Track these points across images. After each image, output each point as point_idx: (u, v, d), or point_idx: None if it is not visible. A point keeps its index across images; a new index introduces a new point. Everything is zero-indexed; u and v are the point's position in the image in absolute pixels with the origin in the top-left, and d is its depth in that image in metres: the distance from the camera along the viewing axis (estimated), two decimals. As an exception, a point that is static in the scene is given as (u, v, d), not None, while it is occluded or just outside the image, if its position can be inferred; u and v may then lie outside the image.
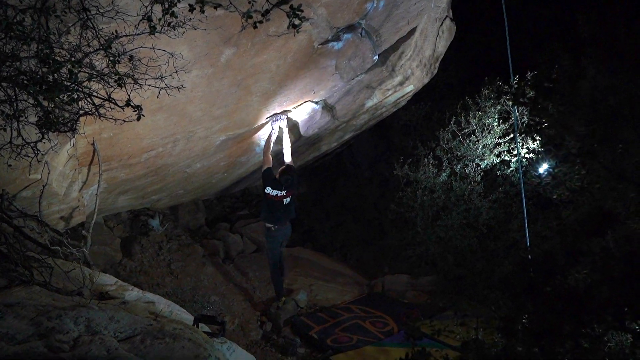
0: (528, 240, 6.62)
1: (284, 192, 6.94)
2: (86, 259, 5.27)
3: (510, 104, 8.02)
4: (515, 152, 8.29)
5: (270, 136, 7.06)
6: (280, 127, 7.06)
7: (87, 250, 5.36)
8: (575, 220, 6.18)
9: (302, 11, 2.58)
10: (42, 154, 3.66)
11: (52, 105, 3.00)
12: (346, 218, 12.05)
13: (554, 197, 7.67)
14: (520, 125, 7.99)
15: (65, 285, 4.07)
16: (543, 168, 8.21)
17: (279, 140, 7.31)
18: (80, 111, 3.22)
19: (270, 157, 7.08)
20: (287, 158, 7.10)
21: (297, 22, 2.59)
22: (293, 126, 7.53)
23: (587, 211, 5.79)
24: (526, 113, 7.95)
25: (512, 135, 8.26)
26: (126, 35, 3.46)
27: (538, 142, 7.89)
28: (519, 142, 7.91)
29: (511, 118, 8.24)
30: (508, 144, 8.47)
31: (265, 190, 6.83)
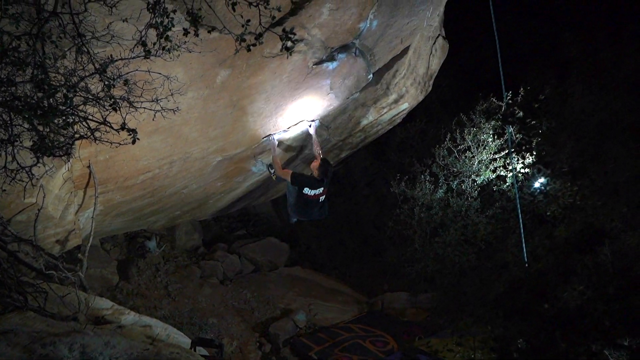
0: (525, 256, 6.61)
1: (321, 190, 6.57)
2: (82, 282, 5.22)
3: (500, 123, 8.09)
4: (510, 167, 8.33)
5: (273, 155, 6.85)
6: (274, 145, 6.92)
7: (82, 274, 5.31)
8: (567, 238, 6.20)
9: (294, 34, 2.60)
10: (37, 178, 3.64)
11: (47, 130, 3.00)
12: (344, 236, 12.03)
13: (548, 213, 7.67)
14: (514, 141, 8.04)
15: (60, 311, 4.02)
16: (535, 185, 8.23)
17: (294, 145, 7.18)
18: (76, 135, 3.22)
19: (284, 169, 6.75)
20: (318, 151, 6.81)
21: (290, 44, 2.61)
22: (289, 146, 7.54)
23: (579, 229, 5.82)
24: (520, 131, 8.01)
25: (507, 150, 8.29)
26: (121, 59, 3.47)
27: (532, 157, 7.92)
28: (514, 158, 7.94)
29: (506, 133, 8.29)
30: (503, 159, 8.51)
31: (304, 192, 6.47)
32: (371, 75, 6.84)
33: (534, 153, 7.08)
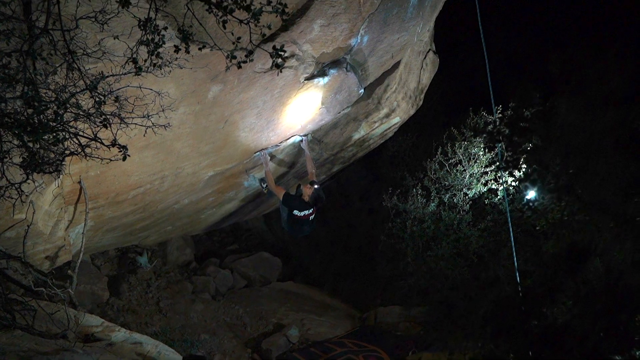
0: (517, 270, 6.61)
1: (310, 211, 6.71)
2: (72, 299, 5.16)
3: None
4: (502, 180, 8.37)
5: (266, 170, 6.93)
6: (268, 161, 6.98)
7: (72, 291, 5.25)
8: (555, 254, 6.24)
9: (284, 51, 2.62)
10: (27, 195, 3.62)
11: (37, 146, 2.99)
12: (337, 250, 11.99)
13: (537, 228, 7.70)
14: (504, 155, 8.10)
15: (49, 328, 3.97)
16: (525, 200, 8.27)
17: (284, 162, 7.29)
18: (66, 151, 3.21)
19: (277, 185, 6.90)
20: (311, 169, 6.99)
21: (280, 62, 2.63)
22: (281, 160, 7.56)
23: (566, 246, 5.87)
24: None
25: (497, 163, 8.35)
26: (113, 75, 3.48)
27: (520, 174, 7.98)
28: (505, 174, 7.99)
29: (496, 147, 8.35)
30: (494, 173, 8.56)
31: (293, 213, 6.57)
32: (362, 90, 6.89)
33: (522, 169, 7.15)
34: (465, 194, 8.81)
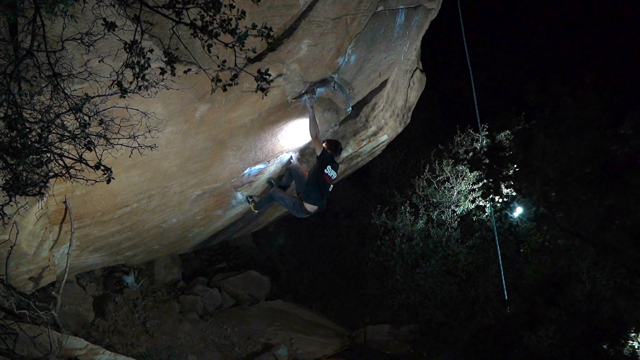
0: (506, 294, 6.64)
1: (336, 174, 6.58)
2: (55, 321, 5.07)
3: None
4: (502, 183, 8.41)
5: (310, 116, 6.19)
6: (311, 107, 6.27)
7: (56, 312, 5.16)
8: (536, 279, 6.28)
9: (269, 75, 2.63)
10: (9, 217, 3.57)
11: (21, 168, 2.95)
12: (326, 268, 11.95)
13: (521, 250, 7.75)
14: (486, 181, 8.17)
15: (30, 352, 3.89)
16: (506, 225, 8.31)
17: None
18: (50, 173, 3.17)
19: (320, 139, 6.39)
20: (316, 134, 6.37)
21: (265, 85, 2.64)
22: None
23: (548, 271, 5.92)
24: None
25: (484, 181, 8.42)
26: (99, 96, 3.47)
27: (501, 200, 8.04)
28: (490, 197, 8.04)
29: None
30: (482, 190, 8.62)
31: (325, 171, 6.36)
32: (350, 109, 6.93)
33: (503, 194, 7.23)
34: (454, 211, 8.85)
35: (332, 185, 6.60)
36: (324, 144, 6.40)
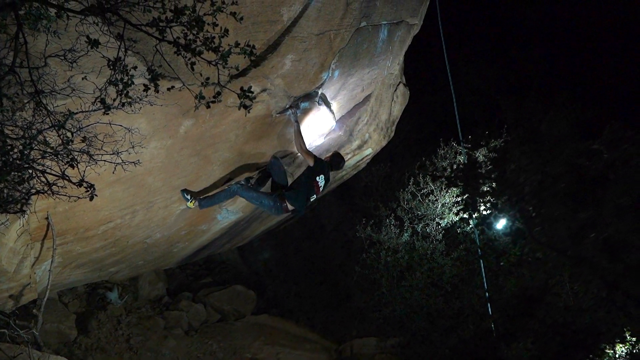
0: (489, 307, 6.70)
1: (324, 184, 6.47)
2: (36, 340, 4.98)
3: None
4: (479, 199, 8.49)
5: (295, 130, 6.10)
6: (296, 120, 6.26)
7: (37, 331, 5.07)
8: (514, 293, 6.37)
9: (252, 92, 2.66)
10: (-10, 235, 3.52)
11: (2, 185, 2.93)
12: (312, 281, 11.93)
13: (501, 264, 7.81)
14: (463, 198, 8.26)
15: (10, 373, 3.82)
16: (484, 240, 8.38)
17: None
18: (32, 190, 3.15)
19: (308, 151, 6.24)
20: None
21: (248, 103, 2.67)
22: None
23: (526, 285, 6.02)
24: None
25: (462, 198, 8.50)
26: (82, 112, 3.46)
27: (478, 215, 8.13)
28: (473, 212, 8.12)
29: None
30: (461, 206, 8.70)
31: (317, 179, 6.26)
32: (335, 123, 6.98)
33: (481, 210, 7.33)
34: (438, 224, 8.92)
35: (316, 196, 6.57)
36: (328, 156, 6.41)
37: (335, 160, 6.47)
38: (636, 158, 5.52)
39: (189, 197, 6.14)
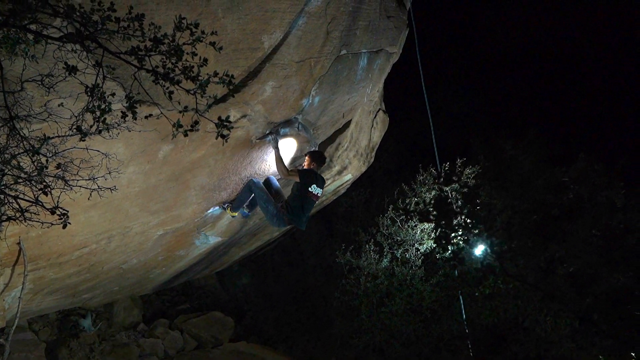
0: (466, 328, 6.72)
1: (321, 191, 6.36)
2: (3, 371, 4.80)
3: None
4: (452, 234, 8.56)
5: (276, 156, 6.11)
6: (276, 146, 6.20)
7: (4, 362, 4.89)
8: (486, 326, 6.41)
9: (230, 122, 2.66)
10: (-42, 262, 3.41)
11: (-28, 211, 2.86)
12: (291, 307, 11.80)
13: (476, 294, 7.86)
14: (456, 206, 8.34)
15: (-25, 406, 3.66)
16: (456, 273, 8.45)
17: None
18: (3, 217, 3.08)
19: (289, 169, 6.23)
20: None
21: (225, 132, 2.67)
22: (231, 220, 7.48)
23: (499, 319, 6.08)
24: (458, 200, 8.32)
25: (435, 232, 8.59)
26: (58, 137, 3.42)
27: (451, 249, 8.22)
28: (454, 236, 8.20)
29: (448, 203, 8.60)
30: (444, 228, 8.76)
31: (310, 189, 6.20)
32: (314, 149, 7.00)
33: (453, 243, 7.43)
34: (417, 249, 8.94)
35: (315, 202, 6.49)
36: (307, 158, 6.32)
37: (318, 159, 6.36)
38: (604, 191, 5.69)
39: (225, 206, 6.67)
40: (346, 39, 5.81)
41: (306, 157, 6.40)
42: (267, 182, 6.65)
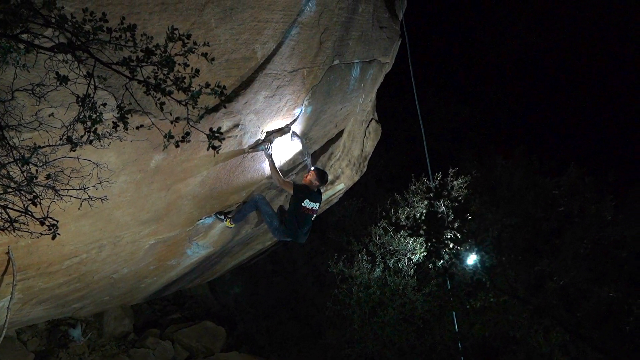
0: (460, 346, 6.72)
1: (318, 205, 6.39)
2: (-9, 383, 4.73)
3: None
4: (443, 249, 8.56)
5: (270, 165, 6.14)
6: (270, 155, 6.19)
7: (-8, 373, 4.82)
8: (477, 341, 6.42)
9: (221, 134, 2.66)
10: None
11: (-40, 221, 2.83)
12: (283, 317, 11.73)
13: (467, 307, 7.85)
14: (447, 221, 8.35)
15: (-39, 419, 3.60)
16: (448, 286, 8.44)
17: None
18: (-8, 227, 3.05)
19: (284, 180, 6.27)
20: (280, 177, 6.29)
21: (216, 144, 2.67)
22: (225, 227, 7.45)
23: (489, 333, 6.10)
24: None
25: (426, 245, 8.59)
26: (48, 146, 3.40)
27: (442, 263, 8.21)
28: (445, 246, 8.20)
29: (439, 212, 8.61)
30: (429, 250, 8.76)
31: (303, 204, 6.24)
32: (307, 158, 7.01)
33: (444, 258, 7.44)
34: (410, 259, 8.94)
35: (314, 216, 6.48)
36: (310, 172, 6.36)
37: (321, 178, 6.40)
38: (593, 205, 5.73)
39: (222, 217, 6.70)
40: (339, 49, 5.84)
41: (310, 172, 6.41)
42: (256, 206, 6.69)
